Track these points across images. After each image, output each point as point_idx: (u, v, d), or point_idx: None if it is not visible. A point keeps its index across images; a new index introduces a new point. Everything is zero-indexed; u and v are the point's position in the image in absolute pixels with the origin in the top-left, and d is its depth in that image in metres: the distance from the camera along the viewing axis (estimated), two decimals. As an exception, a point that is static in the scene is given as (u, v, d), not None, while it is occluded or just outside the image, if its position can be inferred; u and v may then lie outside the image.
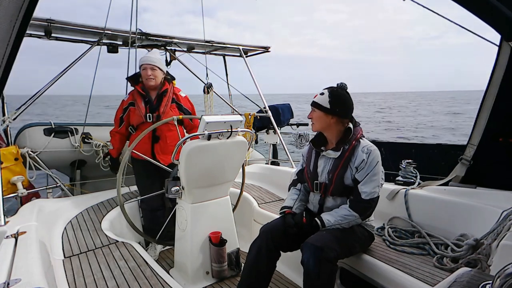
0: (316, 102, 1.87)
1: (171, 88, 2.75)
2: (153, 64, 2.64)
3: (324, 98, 1.84)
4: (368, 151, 1.78)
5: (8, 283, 1.26)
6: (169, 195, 2.20)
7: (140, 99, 2.68)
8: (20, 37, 1.35)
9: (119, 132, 2.81)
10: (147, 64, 2.63)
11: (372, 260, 1.83)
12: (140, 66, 2.68)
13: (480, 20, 1.92)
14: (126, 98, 2.77)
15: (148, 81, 2.64)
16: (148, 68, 2.62)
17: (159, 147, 2.67)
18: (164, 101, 2.67)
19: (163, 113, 2.63)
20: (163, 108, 2.65)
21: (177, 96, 2.77)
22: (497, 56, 2.12)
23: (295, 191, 2.07)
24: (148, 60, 2.65)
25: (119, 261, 1.88)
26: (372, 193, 1.75)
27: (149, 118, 2.63)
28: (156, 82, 2.67)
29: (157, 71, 2.66)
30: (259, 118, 4.66)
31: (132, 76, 2.79)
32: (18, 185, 2.76)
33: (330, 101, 1.82)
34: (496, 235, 1.56)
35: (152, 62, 2.64)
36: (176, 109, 2.73)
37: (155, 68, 2.64)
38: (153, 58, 2.68)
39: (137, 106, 2.67)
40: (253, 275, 1.83)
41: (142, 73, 2.66)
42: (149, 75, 2.62)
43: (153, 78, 2.63)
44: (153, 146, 2.67)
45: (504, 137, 2.18)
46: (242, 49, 4.50)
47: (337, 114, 1.84)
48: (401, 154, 3.37)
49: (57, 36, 3.31)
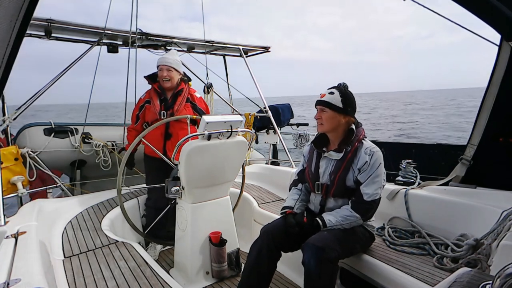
0: (328, 101, 1.82)
1: (187, 88, 2.81)
2: (169, 65, 2.69)
3: (335, 98, 1.81)
4: (371, 153, 1.77)
5: (8, 283, 1.26)
6: (169, 195, 2.20)
7: (156, 97, 2.74)
8: (20, 37, 1.35)
9: (135, 128, 2.85)
10: (164, 65, 2.68)
11: (372, 260, 1.83)
12: (158, 66, 2.73)
13: (480, 20, 1.92)
14: (143, 96, 2.84)
15: (164, 82, 2.70)
16: (164, 69, 2.67)
17: (170, 144, 2.70)
18: (178, 100, 2.73)
19: (177, 111, 2.69)
20: (177, 106, 2.70)
21: (192, 97, 2.82)
22: (497, 56, 2.12)
23: (296, 191, 2.07)
24: (164, 61, 2.70)
25: (119, 261, 1.87)
26: (374, 195, 1.75)
27: (163, 115, 2.68)
28: (172, 83, 2.72)
29: (173, 72, 2.71)
30: (259, 118, 4.66)
31: (150, 75, 2.84)
32: (18, 185, 2.76)
33: (342, 100, 1.80)
34: (496, 235, 1.56)
35: (168, 63, 2.69)
36: (190, 108, 2.77)
37: (171, 70, 2.69)
38: (170, 59, 2.72)
39: (152, 104, 2.73)
40: (253, 275, 1.82)
41: (159, 74, 2.72)
42: (165, 76, 2.67)
43: (168, 79, 2.69)
44: (165, 143, 2.70)
45: (504, 137, 2.18)
46: (242, 49, 4.51)
47: (349, 114, 1.84)
48: (401, 154, 3.37)
49: (57, 36, 3.31)
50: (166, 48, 4.00)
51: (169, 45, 3.98)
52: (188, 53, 4.29)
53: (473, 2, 1.85)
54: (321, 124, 1.87)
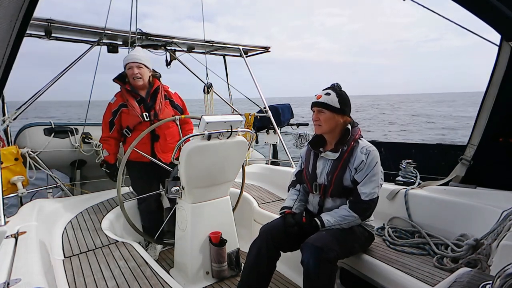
0: (325, 102, 1.82)
1: (161, 85, 2.66)
2: (139, 61, 2.50)
3: (332, 98, 1.82)
4: (367, 152, 1.78)
5: (8, 283, 1.26)
6: (169, 195, 2.20)
7: (132, 99, 2.54)
8: (20, 37, 1.35)
9: (111, 136, 2.64)
10: (133, 63, 2.49)
11: (372, 260, 1.83)
12: (125, 65, 2.54)
13: (480, 20, 1.92)
14: (113, 101, 2.61)
15: (135, 80, 2.51)
16: (134, 67, 2.49)
17: (159, 145, 2.62)
18: (158, 98, 2.58)
19: (159, 111, 2.56)
20: (158, 105, 2.56)
21: (168, 93, 2.69)
22: (497, 56, 2.12)
23: (295, 191, 2.07)
24: (133, 58, 2.51)
25: (119, 261, 1.88)
26: (372, 194, 1.75)
27: (147, 117, 2.54)
28: (144, 81, 2.55)
29: (144, 69, 2.53)
30: (259, 118, 4.66)
31: (118, 76, 2.63)
32: (18, 185, 2.76)
33: (339, 101, 1.81)
34: (496, 235, 1.56)
35: (137, 59, 2.50)
36: (169, 105, 2.65)
37: (141, 66, 2.52)
38: (138, 55, 2.54)
39: (130, 107, 2.53)
40: (253, 275, 1.82)
41: (128, 73, 2.53)
42: (135, 74, 2.49)
43: (140, 76, 2.50)
44: (153, 145, 2.60)
45: (504, 137, 2.18)
46: (242, 49, 4.51)
47: (346, 114, 1.85)
48: (401, 154, 3.37)
49: (57, 36, 3.32)
50: (166, 48, 4.01)
51: (169, 45, 3.98)
52: (188, 53, 4.29)
53: (473, 2, 1.85)
54: (319, 126, 1.86)
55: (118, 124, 2.62)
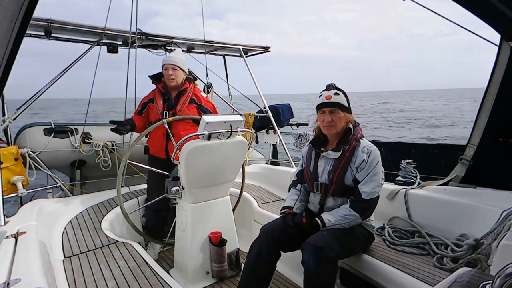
0: (339, 102, 1.82)
1: (191, 88, 2.77)
2: (175, 64, 2.66)
3: (342, 98, 1.83)
4: (368, 151, 1.78)
5: (8, 283, 1.26)
6: (169, 195, 2.20)
7: (159, 96, 2.73)
8: (20, 37, 1.35)
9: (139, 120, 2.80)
10: (169, 64, 2.66)
11: (372, 260, 1.83)
12: (163, 65, 2.71)
13: (480, 20, 1.92)
14: (147, 95, 2.82)
15: (169, 81, 2.67)
16: (170, 68, 2.65)
17: (173, 144, 2.64)
18: (182, 99, 2.69)
19: (179, 111, 2.66)
20: (179, 106, 2.67)
21: (197, 97, 2.77)
22: (497, 56, 2.13)
23: (295, 191, 2.07)
24: (170, 60, 2.68)
25: (119, 261, 1.88)
26: (373, 193, 1.76)
27: (165, 115, 2.65)
28: (177, 82, 2.69)
29: (178, 71, 2.68)
30: (259, 118, 4.66)
31: (155, 74, 2.82)
32: (18, 185, 2.76)
33: (347, 100, 1.84)
34: (496, 235, 1.56)
35: (173, 62, 2.67)
36: (195, 108, 2.73)
37: (177, 68, 2.67)
38: (175, 58, 2.70)
39: (155, 103, 2.72)
40: (253, 275, 1.82)
41: (164, 73, 2.70)
42: (170, 75, 2.65)
43: (173, 78, 2.66)
44: (167, 143, 2.67)
45: (504, 137, 2.18)
46: (242, 49, 4.51)
47: (351, 112, 1.87)
48: (401, 154, 3.37)
49: (57, 36, 3.31)
50: (166, 48, 4.00)
51: (168, 45, 3.98)
52: (188, 53, 4.29)
53: (473, 2, 1.85)
54: (332, 126, 1.82)
55: (146, 115, 2.83)
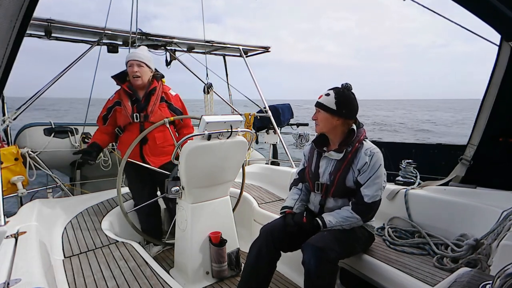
0: (322, 103, 1.82)
1: (160, 86, 2.58)
2: (140, 60, 2.47)
3: (330, 99, 1.80)
4: (371, 154, 1.76)
5: (8, 283, 1.26)
6: (169, 195, 2.20)
7: (126, 98, 2.52)
8: (20, 37, 1.35)
9: (104, 131, 2.62)
10: (134, 61, 2.46)
11: (372, 260, 1.83)
12: (126, 62, 2.50)
13: (480, 20, 1.92)
14: (111, 97, 2.60)
15: (134, 79, 2.48)
16: (135, 65, 2.45)
17: (148, 148, 2.54)
18: (152, 100, 2.51)
19: (151, 113, 2.49)
20: (151, 107, 2.49)
21: (167, 95, 2.59)
22: (497, 56, 2.12)
23: (296, 190, 2.07)
24: (134, 56, 2.47)
25: (119, 261, 1.88)
26: (375, 196, 1.74)
27: (136, 118, 2.48)
28: (143, 80, 2.50)
29: (144, 68, 2.49)
30: (259, 118, 4.66)
31: (118, 74, 2.59)
32: (18, 185, 2.76)
33: (336, 102, 1.79)
34: (496, 235, 1.56)
35: (139, 58, 2.47)
36: (166, 108, 2.56)
37: (142, 65, 2.47)
38: (140, 54, 2.50)
39: (123, 106, 2.50)
40: (253, 275, 1.82)
41: (128, 70, 2.49)
42: (135, 72, 2.45)
43: (139, 75, 2.47)
44: (141, 147, 2.53)
45: (504, 137, 2.18)
46: (242, 49, 4.51)
47: (343, 116, 1.81)
48: (401, 154, 3.37)
49: (57, 36, 3.32)
50: (166, 48, 4.01)
51: (169, 45, 3.98)
52: (188, 53, 4.29)
53: (472, 2, 1.85)
54: (317, 125, 1.89)
55: (112, 120, 2.61)
